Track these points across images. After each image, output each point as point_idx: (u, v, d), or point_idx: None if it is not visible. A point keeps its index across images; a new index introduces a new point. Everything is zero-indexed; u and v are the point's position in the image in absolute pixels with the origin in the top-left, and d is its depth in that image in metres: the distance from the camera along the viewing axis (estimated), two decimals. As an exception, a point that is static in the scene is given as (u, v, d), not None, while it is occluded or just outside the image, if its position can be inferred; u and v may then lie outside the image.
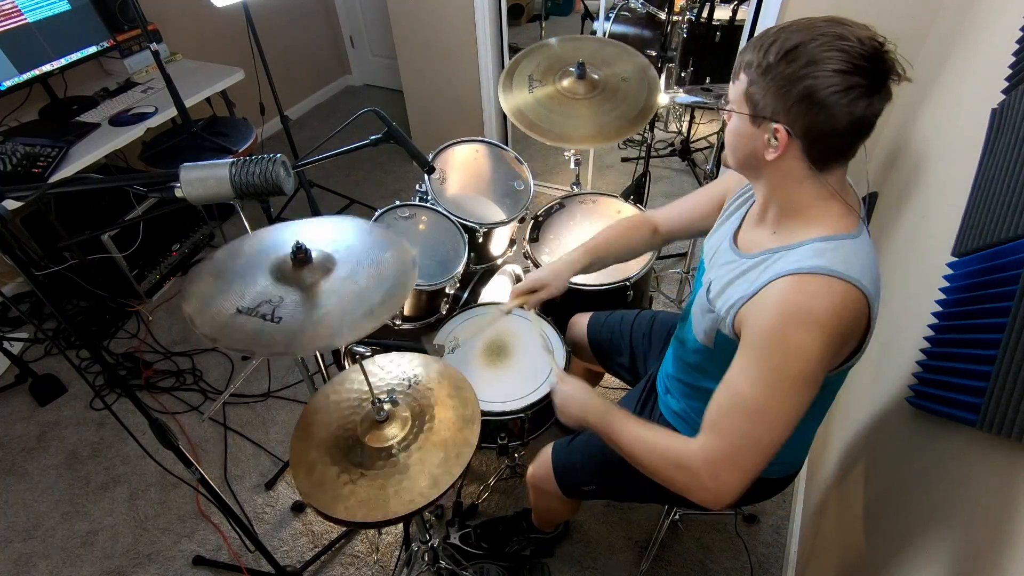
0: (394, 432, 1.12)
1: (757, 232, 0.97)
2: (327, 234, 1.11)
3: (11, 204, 1.98)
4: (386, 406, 1.13)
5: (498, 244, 1.94)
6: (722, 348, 0.97)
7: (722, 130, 0.93)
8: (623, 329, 1.49)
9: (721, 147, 2.18)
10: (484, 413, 1.38)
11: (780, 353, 0.81)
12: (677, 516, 1.73)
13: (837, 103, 0.76)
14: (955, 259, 1.02)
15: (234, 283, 1.03)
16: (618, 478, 1.22)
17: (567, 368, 1.54)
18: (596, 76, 1.78)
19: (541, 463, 1.34)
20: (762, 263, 0.90)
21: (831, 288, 0.80)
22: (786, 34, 0.78)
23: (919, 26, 1.98)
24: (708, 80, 2.99)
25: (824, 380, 0.84)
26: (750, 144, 0.86)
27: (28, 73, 2.10)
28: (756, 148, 0.86)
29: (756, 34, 0.83)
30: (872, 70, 0.75)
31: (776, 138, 0.82)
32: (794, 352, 0.80)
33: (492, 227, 1.80)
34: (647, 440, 0.95)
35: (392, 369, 1.26)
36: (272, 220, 1.57)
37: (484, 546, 1.64)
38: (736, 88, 0.86)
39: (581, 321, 1.57)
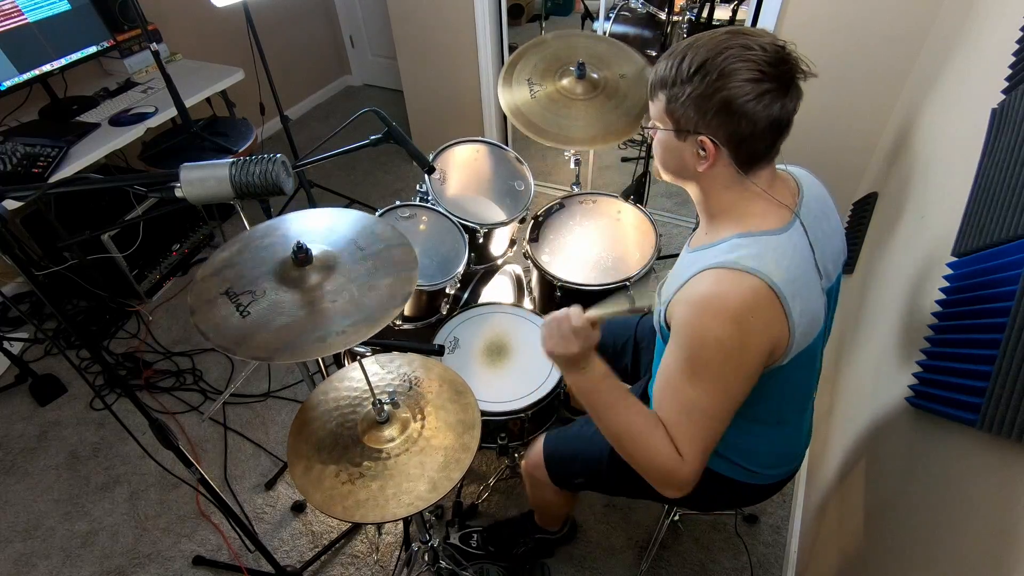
0: (393, 433, 1.12)
1: (700, 231, 1.01)
2: (366, 235, 1.10)
3: (11, 204, 1.98)
4: (387, 407, 1.13)
5: (498, 244, 1.94)
6: (667, 341, 0.99)
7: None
8: (627, 332, 1.49)
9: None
10: (484, 413, 1.38)
11: (700, 348, 0.85)
12: (677, 516, 1.72)
13: (753, 108, 0.81)
14: (955, 259, 1.02)
15: (248, 261, 1.05)
16: (605, 473, 1.23)
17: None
18: (595, 75, 1.78)
19: (533, 454, 1.35)
20: (692, 260, 0.94)
21: (740, 282, 0.83)
22: (693, 51, 0.83)
23: (919, 26, 1.98)
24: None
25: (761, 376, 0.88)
26: (679, 156, 0.91)
27: (28, 73, 2.10)
28: (685, 159, 0.90)
29: (665, 53, 0.89)
30: (779, 73, 0.80)
31: (704, 149, 0.86)
32: (713, 346, 0.84)
33: (492, 227, 1.80)
34: (628, 419, 0.92)
35: (392, 370, 1.26)
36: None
37: (491, 550, 1.64)
38: (656, 107, 0.91)
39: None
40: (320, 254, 1.03)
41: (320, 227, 1.13)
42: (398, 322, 1.72)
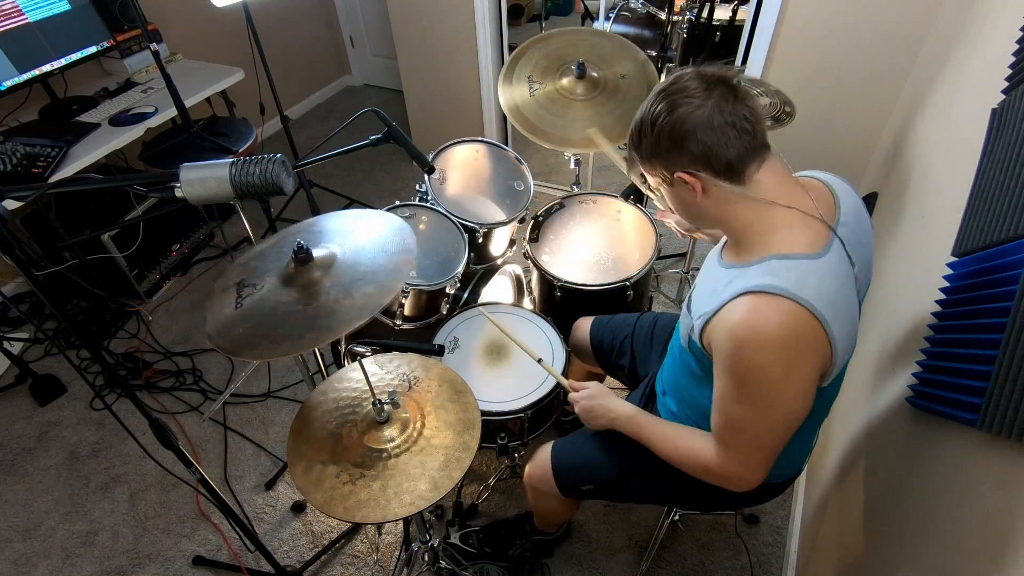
0: (393, 433, 1.12)
1: (731, 248, 1.00)
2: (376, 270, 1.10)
3: (11, 204, 1.98)
4: (387, 407, 1.13)
5: (498, 244, 1.94)
6: (695, 353, 1.02)
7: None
8: (625, 332, 1.49)
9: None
10: (484, 413, 1.38)
11: (745, 375, 0.87)
12: (677, 516, 1.72)
13: (693, 125, 0.84)
14: (955, 259, 1.02)
15: (274, 255, 1.10)
16: (616, 480, 1.23)
17: (566, 370, 1.55)
18: (595, 74, 1.78)
19: (539, 463, 1.34)
20: (727, 278, 0.93)
21: (780, 308, 0.83)
22: (633, 123, 0.92)
23: (919, 26, 1.98)
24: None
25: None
26: (683, 201, 0.95)
27: (28, 73, 2.10)
28: (688, 201, 0.94)
29: None
30: (702, 86, 0.85)
31: (686, 182, 0.89)
32: (756, 373, 0.86)
33: (492, 227, 1.80)
34: (674, 443, 1.07)
35: (392, 370, 1.26)
36: (272, 220, 1.57)
37: (487, 551, 1.64)
38: (649, 178, 0.97)
39: (584, 325, 1.57)
40: (321, 258, 1.03)
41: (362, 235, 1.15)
42: (398, 322, 1.73)
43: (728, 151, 0.85)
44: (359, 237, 1.16)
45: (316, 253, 1.08)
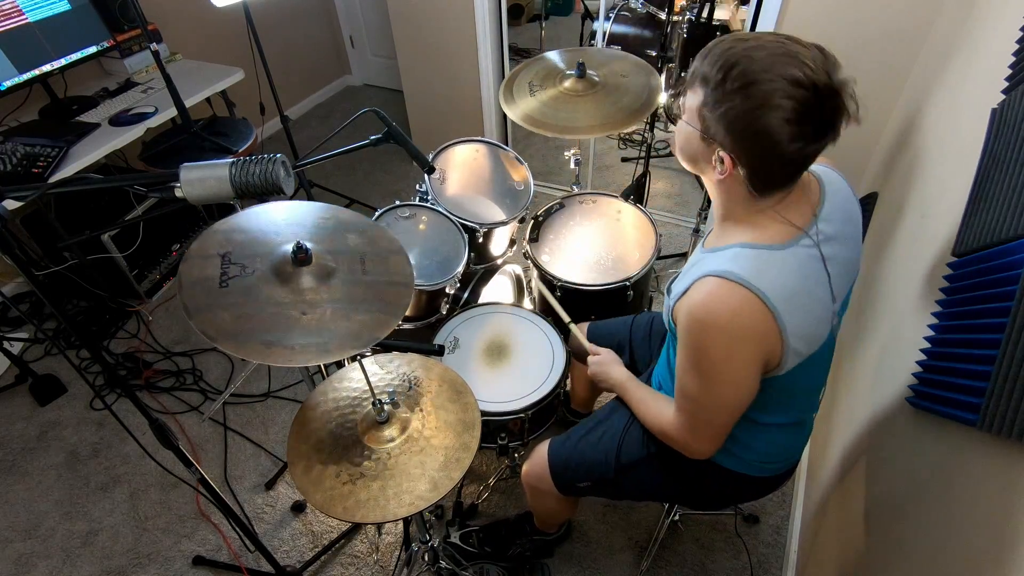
0: (393, 433, 1.12)
1: (714, 231, 1.02)
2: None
3: (11, 204, 1.98)
4: (387, 407, 1.13)
5: (498, 244, 1.94)
6: (672, 334, 1.05)
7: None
8: (623, 332, 1.49)
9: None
10: (484, 413, 1.38)
11: (694, 351, 0.92)
12: (677, 516, 1.72)
13: (784, 147, 0.79)
14: (955, 259, 1.02)
15: (262, 234, 1.05)
16: (612, 476, 1.24)
17: (567, 371, 1.55)
18: (596, 78, 1.77)
19: (536, 461, 1.35)
20: (700, 260, 0.95)
21: (733, 294, 0.85)
22: (747, 62, 0.77)
23: (919, 26, 1.98)
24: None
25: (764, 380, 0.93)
26: (698, 153, 0.90)
27: (28, 73, 2.10)
28: (701, 158, 0.90)
29: (719, 44, 0.82)
30: (821, 116, 0.77)
31: (723, 162, 0.85)
32: (703, 352, 0.91)
33: (492, 227, 1.80)
34: (646, 406, 1.15)
35: (392, 370, 1.26)
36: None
37: (487, 550, 1.64)
38: (692, 99, 0.86)
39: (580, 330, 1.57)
40: (321, 260, 1.02)
41: (336, 228, 1.12)
42: (398, 322, 1.73)
43: (778, 174, 0.85)
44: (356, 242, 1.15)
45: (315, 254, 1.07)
